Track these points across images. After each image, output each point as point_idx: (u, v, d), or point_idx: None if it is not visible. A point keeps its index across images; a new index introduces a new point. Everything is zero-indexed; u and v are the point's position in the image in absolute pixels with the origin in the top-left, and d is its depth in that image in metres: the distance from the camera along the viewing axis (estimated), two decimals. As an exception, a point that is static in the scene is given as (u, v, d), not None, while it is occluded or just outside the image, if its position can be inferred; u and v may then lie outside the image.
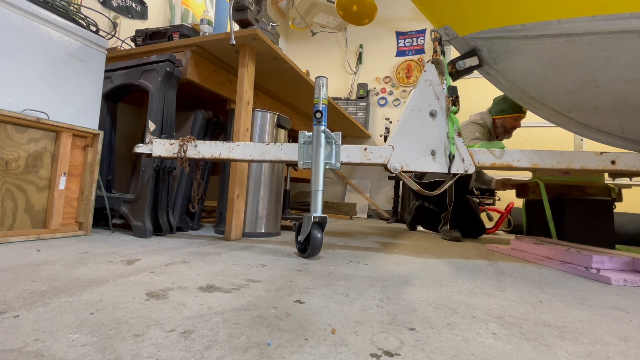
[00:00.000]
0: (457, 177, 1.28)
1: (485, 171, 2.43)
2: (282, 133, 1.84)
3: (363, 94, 4.07)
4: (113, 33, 2.07)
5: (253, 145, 1.36)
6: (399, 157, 1.29)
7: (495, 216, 2.94)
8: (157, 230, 1.52)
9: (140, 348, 0.47)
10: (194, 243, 1.37)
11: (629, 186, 1.96)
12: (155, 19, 2.50)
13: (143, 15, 2.39)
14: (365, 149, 1.31)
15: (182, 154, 1.37)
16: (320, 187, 1.24)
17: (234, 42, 1.49)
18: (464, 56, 1.32)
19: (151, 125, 1.44)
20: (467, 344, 0.54)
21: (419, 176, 2.41)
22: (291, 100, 2.59)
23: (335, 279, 0.92)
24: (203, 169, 1.84)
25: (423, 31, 4.02)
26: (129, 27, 2.26)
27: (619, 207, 2.80)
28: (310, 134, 1.31)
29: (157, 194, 1.53)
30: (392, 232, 2.40)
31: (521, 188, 2.16)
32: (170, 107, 1.59)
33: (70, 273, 0.82)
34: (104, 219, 1.62)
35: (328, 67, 4.42)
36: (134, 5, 2.32)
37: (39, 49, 1.28)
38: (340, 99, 4.17)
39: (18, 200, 1.21)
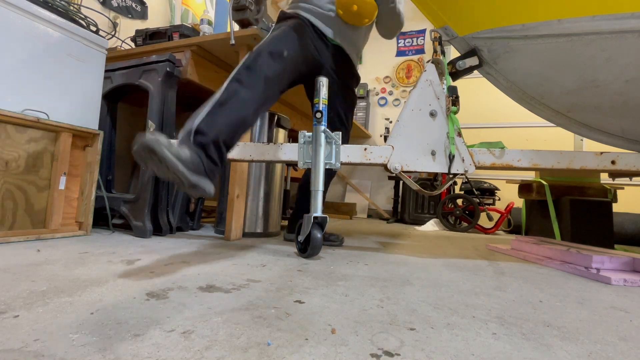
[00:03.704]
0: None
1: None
2: (282, 133, 1.83)
3: (363, 94, 4.07)
4: (113, 33, 2.07)
5: (253, 145, 1.36)
6: (399, 157, 1.29)
7: (495, 216, 2.95)
8: (157, 230, 1.52)
9: (140, 348, 0.47)
10: (194, 243, 1.37)
11: (621, 187, 1.97)
12: (155, 19, 2.50)
13: (143, 15, 2.39)
14: (365, 149, 1.31)
15: (182, 154, 1.37)
16: (320, 187, 1.24)
17: (234, 42, 1.49)
18: (464, 56, 1.32)
19: (151, 125, 1.44)
20: (467, 344, 0.54)
21: None
22: (291, 100, 2.59)
23: (335, 279, 0.92)
24: (203, 169, 1.84)
25: (423, 31, 4.01)
26: (129, 27, 2.26)
27: (618, 207, 2.81)
28: (310, 134, 1.31)
29: (157, 194, 1.52)
30: (392, 232, 2.40)
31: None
32: (171, 107, 1.59)
33: (70, 273, 0.82)
34: (104, 219, 1.62)
35: (328, 67, 4.41)
36: (134, 5, 2.32)
37: (39, 49, 1.28)
38: (340, 99, 4.16)
39: (18, 200, 1.21)
